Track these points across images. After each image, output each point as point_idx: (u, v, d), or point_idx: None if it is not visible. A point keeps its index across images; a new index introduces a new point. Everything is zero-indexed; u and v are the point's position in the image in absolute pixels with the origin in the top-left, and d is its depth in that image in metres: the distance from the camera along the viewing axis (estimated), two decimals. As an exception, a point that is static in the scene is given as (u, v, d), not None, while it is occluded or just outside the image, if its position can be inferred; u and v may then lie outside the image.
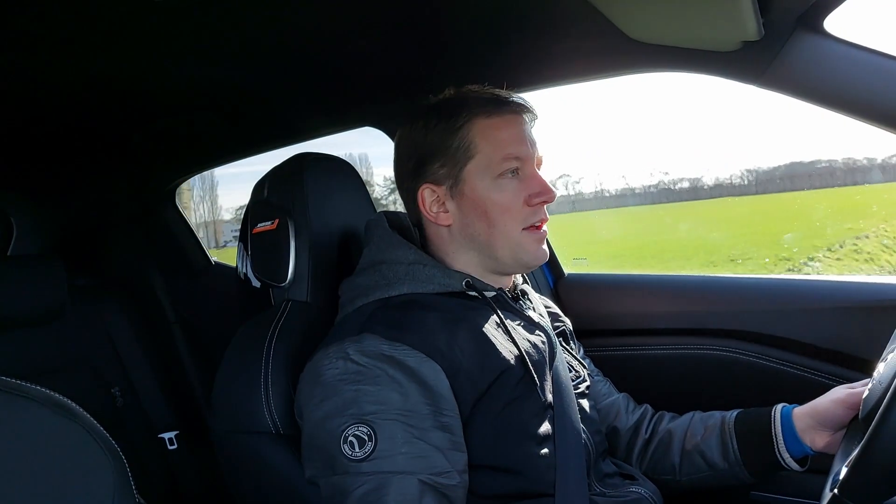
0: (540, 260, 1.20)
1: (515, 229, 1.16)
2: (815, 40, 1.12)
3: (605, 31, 1.13)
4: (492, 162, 1.15)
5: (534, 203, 1.16)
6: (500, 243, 1.17)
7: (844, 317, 1.44)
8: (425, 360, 1.04)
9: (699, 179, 12.23)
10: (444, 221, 1.20)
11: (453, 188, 1.18)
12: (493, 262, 1.19)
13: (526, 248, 1.17)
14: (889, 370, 0.94)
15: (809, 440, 1.20)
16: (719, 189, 25.30)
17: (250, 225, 1.35)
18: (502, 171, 1.15)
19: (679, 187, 11.40)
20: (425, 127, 1.19)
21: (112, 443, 0.82)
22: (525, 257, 1.18)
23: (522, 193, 1.16)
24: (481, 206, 1.16)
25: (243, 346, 1.25)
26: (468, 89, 1.20)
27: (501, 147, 1.15)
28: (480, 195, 1.16)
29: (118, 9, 1.07)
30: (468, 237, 1.19)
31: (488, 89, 1.20)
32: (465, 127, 1.16)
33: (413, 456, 0.98)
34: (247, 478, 1.22)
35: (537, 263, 1.21)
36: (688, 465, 1.31)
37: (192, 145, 2.08)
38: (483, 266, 1.20)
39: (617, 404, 1.40)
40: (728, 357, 1.56)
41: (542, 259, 1.20)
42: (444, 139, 1.17)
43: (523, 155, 1.16)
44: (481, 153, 1.16)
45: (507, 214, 1.16)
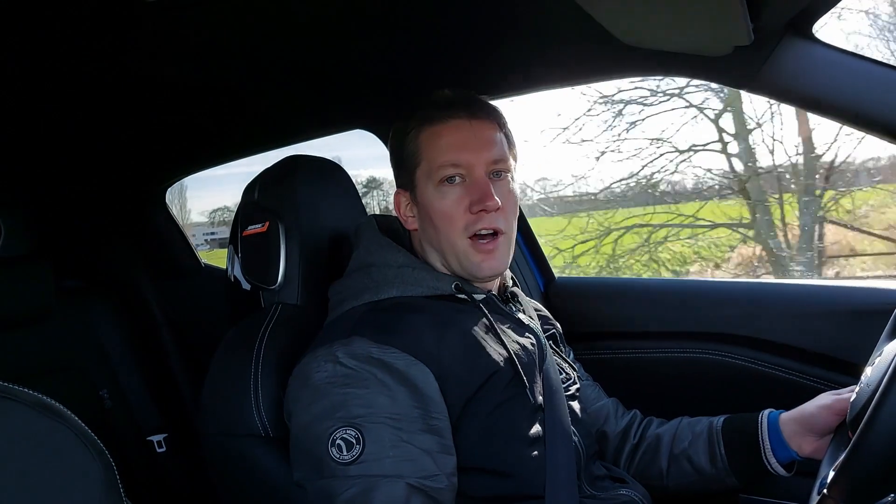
0: (487, 271, 1.16)
1: (459, 237, 1.14)
2: (804, 45, 1.12)
3: (597, 35, 1.13)
4: (432, 168, 1.15)
5: (474, 210, 1.13)
6: (448, 251, 1.16)
7: (833, 321, 1.45)
8: (414, 363, 1.04)
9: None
10: (411, 226, 1.22)
11: (412, 194, 1.19)
12: (451, 268, 1.18)
13: (470, 257, 1.15)
14: (876, 374, 0.95)
15: (796, 446, 1.20)
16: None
17: (241, 227, 1.34)
18: (441, 177, 1.14)
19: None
20: (394, 133, 1.21)
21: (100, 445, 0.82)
22: (471, 268, 1.15)
23: (465, 200, 1.14)
24: (428, 213, 1.16)
25: (233, 349, 1.25)
26: (432, 95, 1.20)
27: (441, 153, 1.14)
28: (426, 202, 1.16)
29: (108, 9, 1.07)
30: (427, 242, 1.20)
31: (445, 93, 1.19)
32: (412, 133, 1.17)
33: (401, 459, 0.98)
34: (235, 481, 1.21)
35: (486, 275, 1.17)
36: (675, 470, 1.31)
37: (182, 147, 2.07)
38: (450, 270, 1.19)
39: (606, 409, 1.41)
40: (717, 360, 1.56)
41: (493, 270, 1.16)
42: (400, 146, 1.19)
43: (464, 162, 1.14)
44: (425, 160, 1.16)
45: (449, 222, 1.14)
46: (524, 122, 7.71)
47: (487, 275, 1.17)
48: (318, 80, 1.57)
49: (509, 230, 1.17)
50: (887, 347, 1.00)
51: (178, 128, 1.86)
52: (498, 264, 1.16)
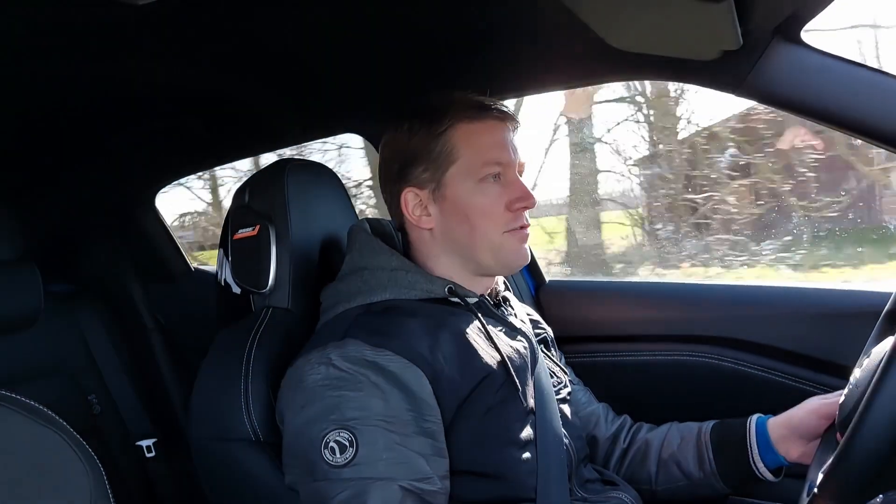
0: (522, 261, 1.20)
1: (496, 233, 1.17)
2: (793, 50, 1.13)
3: (586, 38, 1.13)
4: (473, 166, 1.16)
5: (514, 208, 1.17)
6: (482, 246, 1.17)
7: (822, 323, 1.46)
8: (408, 365, 1.04)
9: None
10: (426, 225, 1.20)
11: (436, 192, 1.18)
12: (475, 264, 1.20)
13: (507, 249, 1.18)
14: (865, 376, 0.95)
15: (784, 450, 1.21)
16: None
17: (231, 231, 1.34)
18: (484, 175, 1.16)
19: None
20: (409, 131, 1.19)
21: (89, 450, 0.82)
22: (507, 257, 1.19)
23: (503, 198, 1.17)
24: (463, 210, 1.17)
25: (223, 353, 1.24)
26: (452, 94, 1.21)
27: (483, 152, 1.16)
28: (462, 199, 1.17)
29: (97, 12, 1.06)
30: (450, 240, 1.19)
31: (471, 95, 1.21)
32: (447, 132, 1.17)
33: (394, 462, 0.98)
34: (225, 485, 1.21)
35: (519, 265, 1.22)
36: (664, 474, 1.32)
37: (171, 151, 2.06)
38: (465, 268, 1.20)
39: (596, 413, 1.41)
40: (708, 363, 1.57)
41: (525, 260, 1.21)
42: (427, 143, 1.18)
43: (505, 160, 1.17)
44: (463, 157, 1.16)
45: (488, 218, 1.16)
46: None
47: (521, 263, 1.22)
48: (308, 84, 1.56)
49: None
50: (875, 349, 1.01)
51: (168, 131, 1.85)
52: (528, 254, 1.22)
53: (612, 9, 1.03)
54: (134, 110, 1.68)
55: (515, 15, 1.24)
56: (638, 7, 1.01)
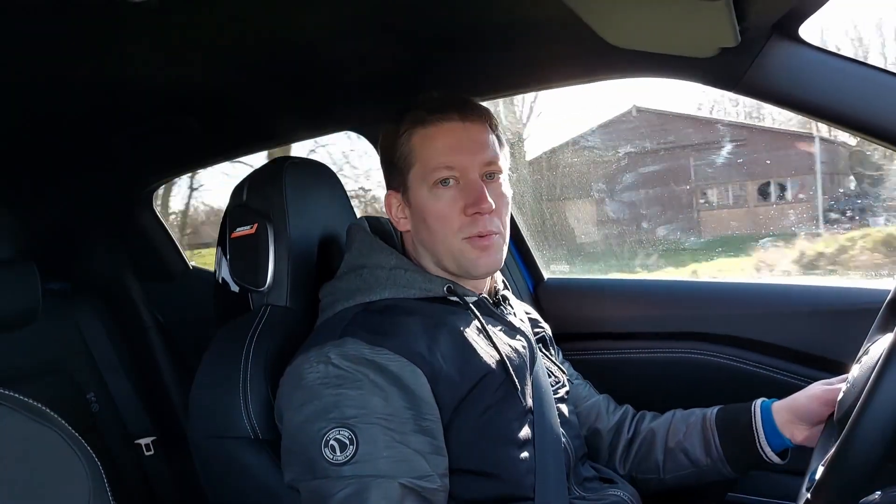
0: (482, 269, 1.16)
1: (454, 238, 1.14)
2: (791, 47, 1.13)
3: (584, 36, 1.13)
4: (426, 170, 1.15)
5: (469, 213, 1.13)
6: (442, 251, 1.16)
7: (820, 320, 1.46)
8: (407, 364, 1.04)
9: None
10: (403, 227, 1.21)
11: (405, 195, 1.19)
12: (445, 268, 1.19)
13: (467, 255, 1.15)
14: (863, 373, 0.95)
15: (789, 434, 1.21)
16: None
17: (229, 229, 1.34)
18: (434, 179, 1.14)
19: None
20: (385, 134, 1.21)
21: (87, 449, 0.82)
22: (467, 265, 1.15)
23: (459, 203, 1.14)
24: (421, 215, 1.16)
25: (221, 351, 1.24)
26: (423, 97, 1.20)
27: (435, 156, 1.14)
28: (421, 204, 1.16)
29: (94, 10, 1.06)
30: (420, 243, 1.20)
31: (434, 96, 1.19)
32: (405, 135, 1.17)
33: (394, 460, 0.98)
34: (225, 484, 1.21)
35: (481, 273, 1.17)
36: (671, 462, 1.32)
37: (169, 149, 2.05)
38: (444, 270, 1.19)
39: (598, 406, 1.41)
40: (706, 360, 1.57)
41: (486, 268, 1.17)
42: (393, 147, 1.19)
43: (457, 164, 1.14)
44: (419, 161, 1.16)
45: (444, 223, 1.14)
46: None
47: (483, 272, 1.17)
48: (308, 82, 1.56)
49: (503, 230, 1.17)
50: (873, 346, 1.01)
51: (166, 130, 1.85)
52: (493, 261, 1.16)
53: (609, 6, 1.03)
54: (132, 109, 1.68)
55: (513, 13, 1.24)
56: (636, 4, 1.01)
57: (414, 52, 1.41)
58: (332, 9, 1.17)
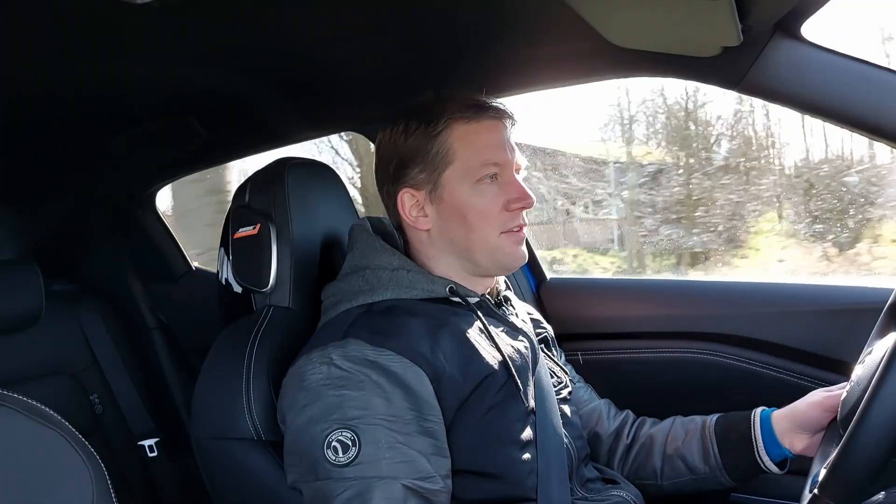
0: (519, 261, 1.20)
1: (493, 234, 1.16)
2: (793, 46, 1.13)
3: (586, 35, 1.13)
4: (471, 167, 1.15)
5: (512, 208, 1.16)
6: (479, 247, 1.17)
7: (823, 320, 1.46)
8: (410, 365, 1.04)
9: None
10: (423, 226, 1.20)
11: (432, 193, 1.18)
12: (472, 265, 1.19)
13: (504, 250, 1.17)
14: (866, 372, 0.95)
15: (788, 443, 1.21)
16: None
17: (231, 230, 1.34)
18: (481, 176, 1.15)
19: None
20: (405, 131, 1.19)
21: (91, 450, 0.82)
22: (504, 259, 1.19)
23: (501, 199, 1.16)
24: (460, 211, 1.16)
25: (224, 352, 1.24)
26: (449, 94, 1.20)
27: (480, 153, 1.15)
28: (459, 200, 1.16)
29: (95, 11, 1.06)
30: (447, 241, 1.19)
31: (468, 95, 1.20)
32: (444, 132, 1.16)
33: (397, 461, 0.98)
34: (228, 485, 1.21)
35: (516, 265, 1.22)
36: (669, 469, 1.31)
37: (171, 150, 2.05)
38: (463, 269, 1.20)
39: (598, 410, 1.41)
40: (709, 360, 1.57)
41: (522, 260, 1.21)
42: (423, 144, 1.17)
43: (502, 161, 1.16)
44: (460, 158, 1.16)
45: (486, 219, 1.16)
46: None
47: (518, 265, 1.22)
48: (310, 82, 1.56)
49: None
50: (877, 346, 1.01)
51: (168, 130, 1.85)
52: (525, 254, 1.21)
53: (611, 5, 1.03)
54: (135, 110, 1.68)
55: (515, 12, 1.24)
56: (638, 3, 1.01)
57: (416, 52, 1.41)
58: (334, 9, 1.17)
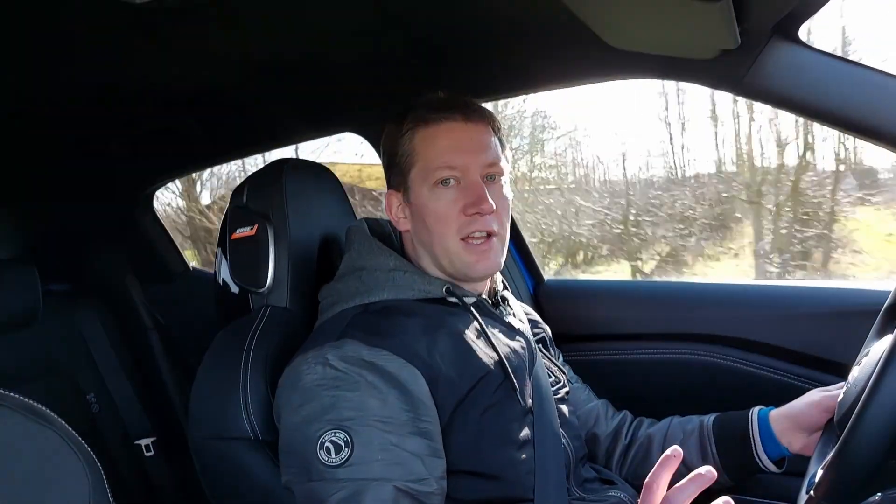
0: (481, 272, 1.16)
1: (452, 239, 1.14)
2: (790, 49, 1.13)
3: (585, 38, 1.13)
4: (428, 169, 1.14)
5: (469, 213, 1.13)
6: (439, 251, 1.16)
7: (821, 322, 1.46)
8: (406, 365, 1.04)
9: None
10: (403, 227, 1.21)
11: (405, 195, 1.18)
12: (443, 269, 1.18)
13: (463, 258, 1.14)
14: (863, 374, 0.95)
15: (786, 442, 1.21)
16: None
17: (229, 230, 1.34)
18: (436, 179, 1.14)
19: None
20: (386, 134, 1.20)
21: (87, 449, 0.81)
22: (463, 267, 1.15)
23: (459, 203, 1.13)
24: (421, 214, 1.16)
25: (221, 352, 1.24)
26: (423, 97, 1.19)
27: (436, 155, 1.14)
28: (421, 203, 1.16)
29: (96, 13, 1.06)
30: (419, 243, 1.20)
31: (436, 97, 1.19)
32: (407, 134, 1.16)
33: (390, 463, 0.98)
34: (224, 484, 1.21)
35: (479, 275, 1.17)
36: None
37: (170, 150, 2.06)
38: (443, 271, 1.19)
39: (596, 410, 1.41)
40: (707, 361, 1.57)
41: (486, 271, 1.16)
42: (394, 146, 1.18)
43: (459, 164, 1.14)
44: (420, 161, 1.15)
45: (442, 223, 1.14)
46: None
47: (480, 275, 1.17)
48: (309, 83, 1.56)
49: (503, 231, 1.17)
50: (874, 347, 1.01)
51: (167, 130, 1.85)
52: (491, 264, 1.16)
53: (610, 8, 1.03)
54: (133, 110, 1.68)
55: (515, 15, 1.24)
56: (636, 6, 1.01)
57: (415, 54, 1.41)
58: (334, 10, 1.18)
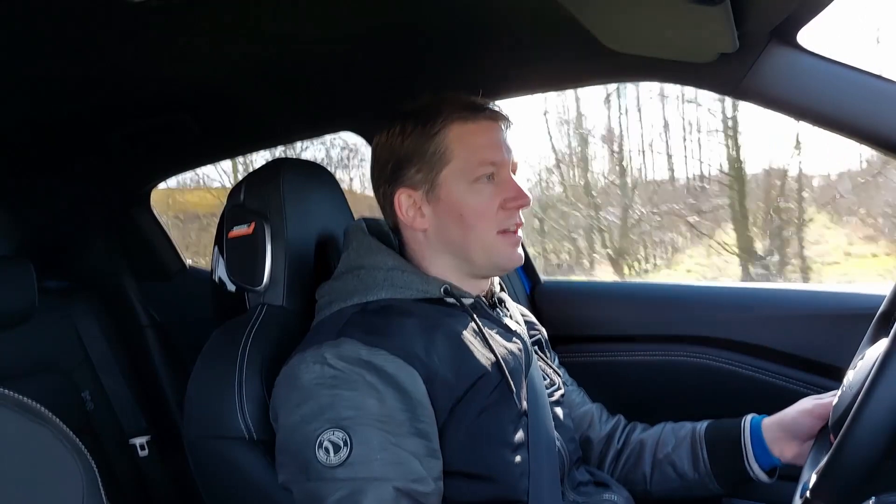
0: (515, 263, 1.20)
1: (490, 233, 1.16)
2: (788, 53, 1.14)
3: (583, 40, 1.14)
4: (468, 167, 1.15)
5: (509, 207, 1.16)
6: (475, 247, 1.17)
7: (816, 325, 1.46)
8: (403, 365, 1.04)
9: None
10: (419, 226, 1.20)
11: (429, 193, 1.18)
12: (469, 265, 1.19)
13: (500, 251, 1.17)
14: (858, 377, 0.95)
15: (778, 451, 1.21)
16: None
17: (226, 229, 1.34)
18: (478, 175, 1.15)
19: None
20: (402, 132, 1.19)
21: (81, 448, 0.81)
22: (500, 260, 1.18)
23: (498, 198, 1.16)
24: (457, 211, 1.16)
25: (217, 351, 1.24)
26: (446, 96, 1.20)
27: (477, 152, 1.16)
28: (456, 199, 1.16)
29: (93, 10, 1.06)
30: (444, 241, 1.19)
31: (465, 96, 1.20)
32: (441, 132, 1.16)
33: (389, 462, 0.98)
34: (219, 484, 1.20)
35: (512, 266, 1.21)
36: (658, 475, 1.32)
37: (167, 148, 2.05)
38: (459, 270, 1.20)
39: (590, 414, 1.41)
40: (702, 364, 1.57)
41: (518, 262, 1.20)
42: (420, 144, 1.17)
43: (498, 160, 1.17)
44: (457, 158, 1.16)
45: (482, 218, 1.16)
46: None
47: (514, 265, 1.21)
48: (305, 82, 1.56)
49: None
50: (869, 351, 1.01)
51: (163, 128, 1.85)
52: (521, 256, 1.21)
53: (609, 10, 1.03)
54: (130, 107, 1.67)
55: (513, 16, 1.24)
56: (635, 9, 1.01)
57: (412, 53, 1.41)
58: (330, 9, 1.17)
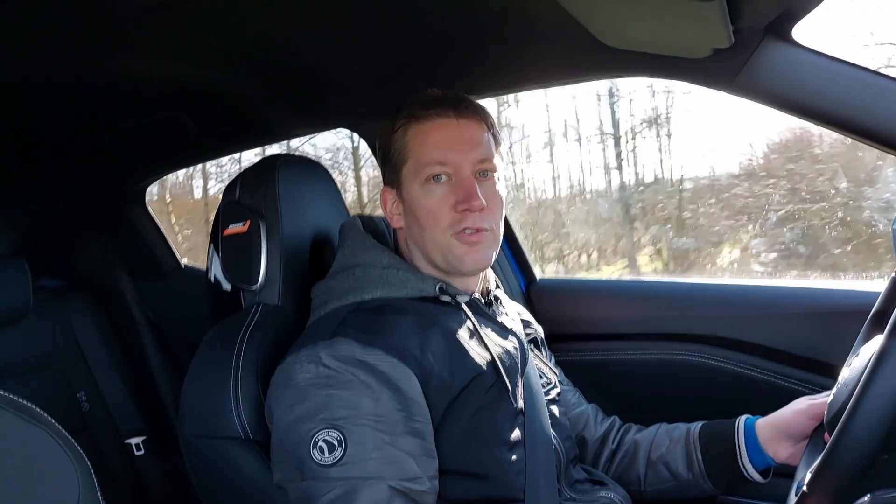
0: (473, 265, 1.15)
1: (443, 234, 1.13)
2: (783, 48, 1.13)
3: (579, 36, 1.13)
4: (419, 166, 1.14)
5: (459, 210, 1.12)
6: (431, 247, 1.15)
7: (811, 322, 1.47)
8: (398, 364, 1.03)
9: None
10: (397, 223, 1.21)
11: (399, 191, 1.18)
12: (435, 264, 1.18)
13: (454, 252, 1.14)
14: (853, 375, 0.96)
15: (772, 451, 1.21)
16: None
17: (221, 227, 1.33)
18: (427, 175, 1.13)
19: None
20: (382, 130, 1.20)
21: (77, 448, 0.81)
22: (454, 261, 1.14)
23: (450, 199, 1.13)
24: (413, 210, 1.15)
25: (212, 350, 1.24)
26: (422, 92, 1.19)
27: (427, 151, 1.14)
28: (412, 199, 1.15)
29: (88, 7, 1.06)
30: (411, 240, 1.19)
31: (434, 93, 1.18)
32: (400, 130, 1.16)
33: (383, 461, 0.97)
34: (215, 483, 1.20)
35: (472, 269, 1.16)
36: (652, 475, 1.32)
37: (162, 145, 2.05)
38: (435, 268, 1.18)
39: (586, 414, 1.40)
40: (698, 362, 1.57)
41: (478, 265, 1.16)
42: (387, 143, 1.18)
43: (450, 160, 1.13)
44: (412, 157, 1.15)
45: (434, 220, 1.13)
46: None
47: (471, 268, 1.16)
48: (302, 79, 1.56)
49: (495, 228, 1.16)
50: (864, 348, 1.02)
51: (159, 125, 1.84)
52: (482, 258, 1.15)
53: (603, 6, 1.03)
54: (125, 105, 1.67)
55: (508, 12, 1.24)
56: (629, 5, 1.01)
57: (409, 49, 1.41)
58: (326, 6, 1.17)
